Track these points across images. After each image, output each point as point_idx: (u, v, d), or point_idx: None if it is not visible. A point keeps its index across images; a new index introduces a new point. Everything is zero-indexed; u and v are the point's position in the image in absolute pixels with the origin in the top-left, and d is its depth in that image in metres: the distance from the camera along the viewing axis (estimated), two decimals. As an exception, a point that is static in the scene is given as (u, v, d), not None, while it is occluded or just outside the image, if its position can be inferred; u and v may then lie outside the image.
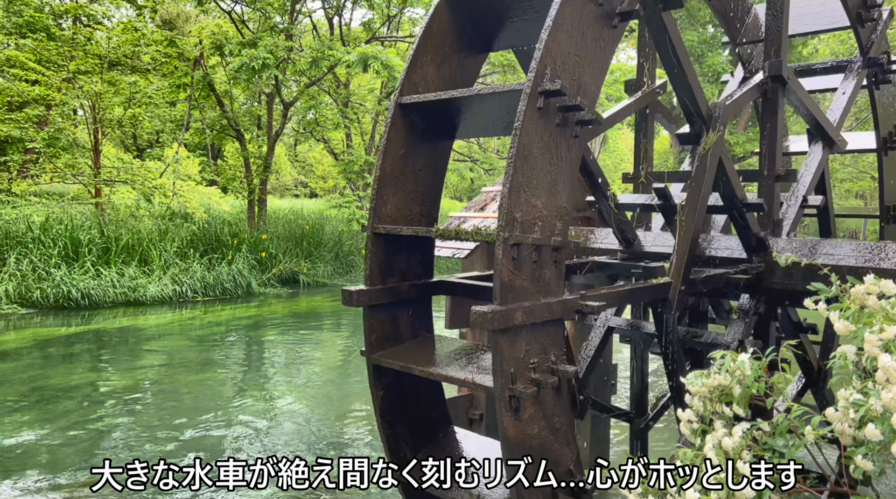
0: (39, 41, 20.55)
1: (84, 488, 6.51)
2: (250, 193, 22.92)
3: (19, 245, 16.24)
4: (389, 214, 3.49)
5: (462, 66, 3.76)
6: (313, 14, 24.46)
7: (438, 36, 3.59)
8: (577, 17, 2.95)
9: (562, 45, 2.90)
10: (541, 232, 2.87)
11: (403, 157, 3.51)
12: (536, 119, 2.81)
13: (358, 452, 7.61)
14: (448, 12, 3.60)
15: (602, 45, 3.11)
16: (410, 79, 3.51)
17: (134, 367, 11.25)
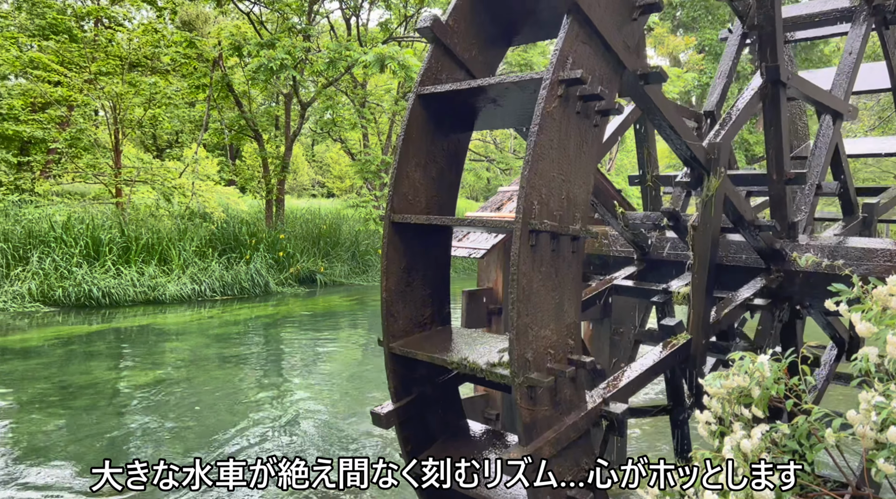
0: (62, 43, 20.83)
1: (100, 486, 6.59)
2: (268, 193, 23.08)
3: (42, 244, 16.48)
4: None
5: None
6: (331, 15, 24.60)
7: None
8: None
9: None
10: None
11: None
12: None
13: (373, 448, 7.64)
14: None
15: None
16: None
17: (154, 365, 11.38)
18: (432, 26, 3.29)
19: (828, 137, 4.76)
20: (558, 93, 2.76)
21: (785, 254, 4.22)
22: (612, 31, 2.94)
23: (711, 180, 3.82)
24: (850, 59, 4.93)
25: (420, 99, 3.36)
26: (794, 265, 4.19)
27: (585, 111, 2.91)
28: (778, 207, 4.33)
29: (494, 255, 6.50)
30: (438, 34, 3.34)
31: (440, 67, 3.44)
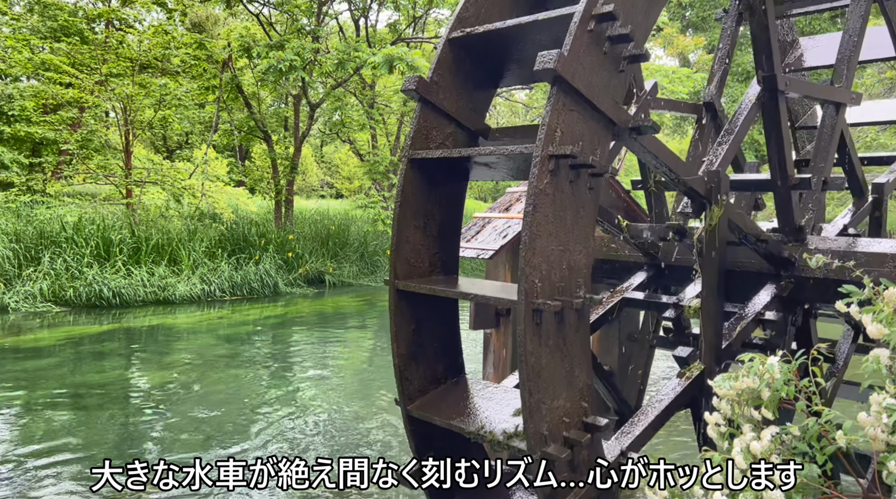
0: (73, 45, 20.99)
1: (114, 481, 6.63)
2: (277, 194, 23.17)
3: (53, 245, 16.60)
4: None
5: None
6: (340, 16, 24.66)
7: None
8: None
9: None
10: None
11: None
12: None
13: (381, 447, 7.65)
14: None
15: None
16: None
17: (164, 365, 11.44)
18: (417, 87, 3.31)
19: (831, 128, 4.67)
20: (549, 168, 2.73)
21: (794, 260, 4.17)
22: (600, 93, 2.88)
23: (713, 210, 3.78)
24: (851, 43, 4.75)
25: (412, 163, 3.36)
26: (805, 271, 4.13)
27: (578, 180, 2.88)
28: (784, 212, 4.27)
29: (503, 255, 6.51)
30: (424, 93, 3.35)
31: (430, 125, 3.45)
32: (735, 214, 3.86)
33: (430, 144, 3.45)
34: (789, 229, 4.27)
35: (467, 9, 3.51)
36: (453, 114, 3.50)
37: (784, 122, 4.12)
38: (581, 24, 2.77)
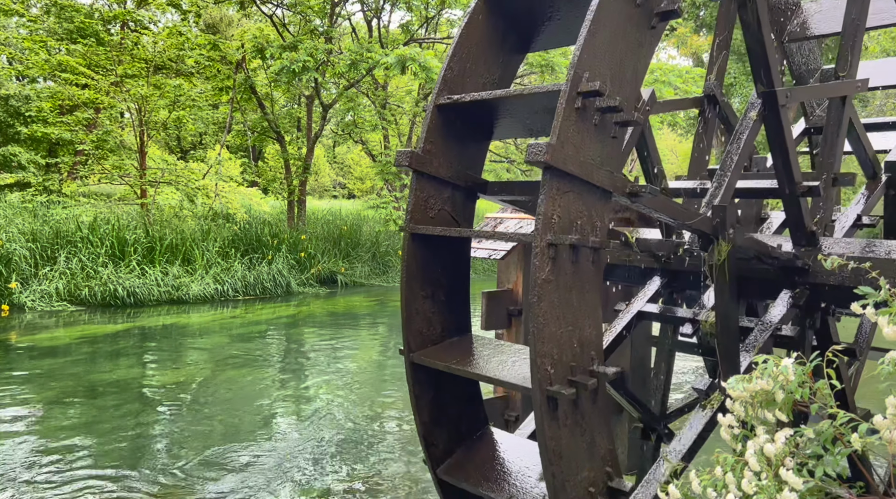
0: (89, 46, 21.19)
1: (128, 478, 6.70)
2: (290, 194, 23.28)
3: (69, 244, 16.78)
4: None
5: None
6: (352, 17, 24.74)
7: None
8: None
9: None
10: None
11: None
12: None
13: (392, 448, 7.66)
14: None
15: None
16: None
17: (177, 364, 11.53)
18: (411, 163, 3.32)
19: (838, 123, 4.57)
20: (550, 256, 2.72)
21: (808, 267, 4.12)
22: (593, 169, 2.86)
23: (721, 245, 3.73)
24: (854, 25, 4.54)
25: (414, 237, 3.37)
26: (820, 277, 4.07)
27: (580, 259, 2.85)
28: (794, 220, 4.21)
29: (514, 256, 6.50)
30: (418, 167, 3.36)
31: (427, 195, 3.44)
32: (744, 239, 3.81)
33: (429, 212, 3.45)
34: (801, 235, 4.21)
35: (451, 69, 3.47)
36: (449, 179, 3.49)
37: (788, 134, 4.01)
38: (568, 105, 2.74)
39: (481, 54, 3.58)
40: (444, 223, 3.50)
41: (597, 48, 2.79)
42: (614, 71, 2.88)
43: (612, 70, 2.87)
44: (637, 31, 2.95)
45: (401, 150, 3.38)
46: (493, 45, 3.61)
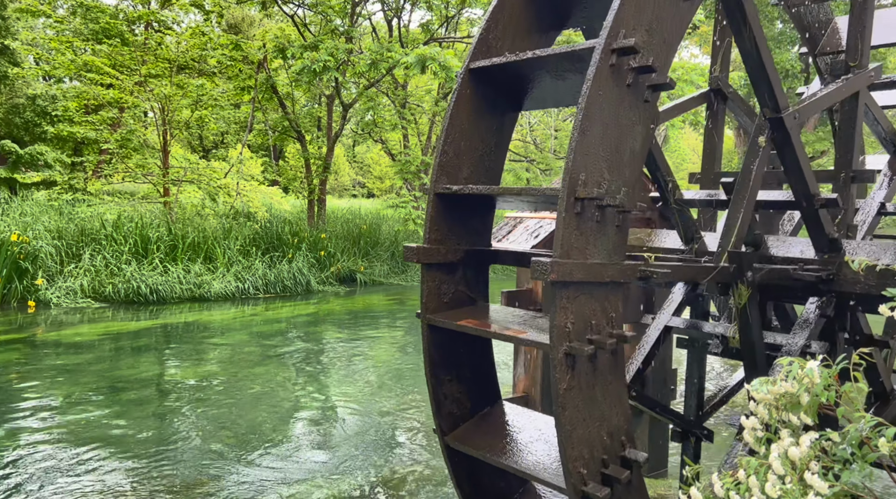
0: (114, 47, 21.50)
1: (149, 471, 6.79)
2: (310, 193, 23.42)
3: (93, 242, 17.04)
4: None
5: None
6: (373, 16, 24.85)
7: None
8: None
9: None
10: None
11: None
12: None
13: (411, 444, 7.68)
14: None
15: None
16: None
17: (199, 360, 11.65)
18: (419, 259, 3.35)
19: (852, 117, 4.45)
20: (569, 365, 2.72)
21: (832, 277, 4.05)
22: (602, 269, 2.83)
23: (741, 290, 3.69)
24: (861, 23, 4.44)
25: (431, 328, 3.40)
26: (846, 286, 4.00)
27: (598, 359, 2.85)
28: (814, 231, 4.14)
29: (535, 255, 6.48)
30: (426, 260, 3.37)
31: (439, 283, 3.47)
32: (766, 274, 3.77)
33: (443, 298, 3.47)
34: (823, 243, 4.15)
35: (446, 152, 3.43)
36: (459, 260, 3.51)
37: (801, 153, 3.89)
38: (568, 211, 2.69)
39: (475, 131, 3.53)
40: (459, 303, 3.52)
41: (589, 146, 2.73)
42: (610, 160, 2.82)
43: (609, 160, 2.81)
44: (630, 110, 2.86)
45: (408, 246, 3.38)
46: (485, 117, 3.57)
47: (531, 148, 31.27)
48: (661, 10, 2.87)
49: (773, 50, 28.81)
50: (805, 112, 3.94)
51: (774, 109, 3.75)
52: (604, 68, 2.68)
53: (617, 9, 2.71)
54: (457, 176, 3.43)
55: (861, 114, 4.47)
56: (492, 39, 3.41)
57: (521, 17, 3.49)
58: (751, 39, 3.43)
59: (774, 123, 3.77)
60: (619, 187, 2.83)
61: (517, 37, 3.50)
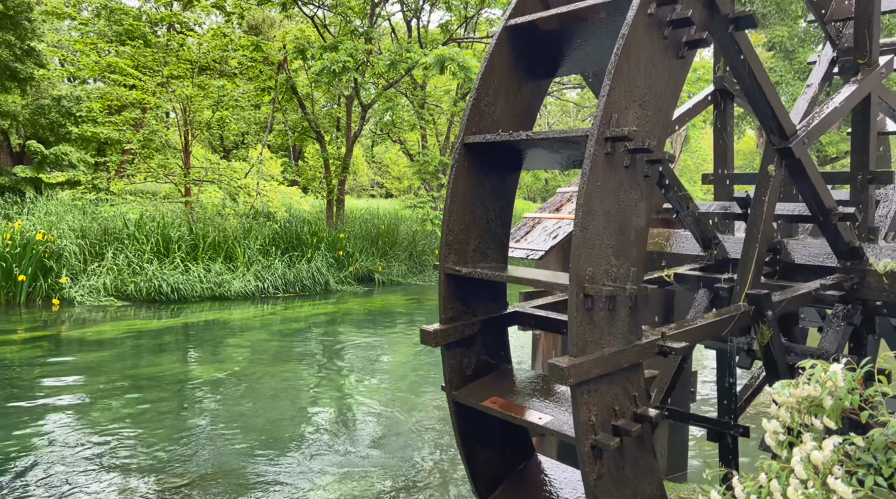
0: (137, 48, 21.77)
1: (168, 469, 6.87)
2: (329, 193, 23.53)
3: (116, 241, 17.28)
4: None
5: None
6: (392, 17, 24.92)
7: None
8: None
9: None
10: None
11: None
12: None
13: (430, 445, 7.69)
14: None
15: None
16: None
17: (219, 359, 11.76)
18: (437, 342, 3.33)
19: (865, 119, 4.29)
20: (597, 456, 2.71)
21: (855, 286, 3.99)
22: (620, 356, 2.81)
23: (763, 331, 3.65)
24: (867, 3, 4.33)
25: (458, 406, 3.39)
26: (871, 294, 3.94)
27: (626, 443, 2.82)
28: (835, 242, 4.08)
29: (552, 256, 6.46)
30: (445, 341, 3.36)
31: (460, 357, 3.46)
32: (787, 304, 3.73)
33: (466, 371, 3.47)
34: (844, 252, 4.09)
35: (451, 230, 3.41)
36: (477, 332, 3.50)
37: (815, 175, 3.82)
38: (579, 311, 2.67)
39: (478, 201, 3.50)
40: (483, 372, 3.51)
41: (593, 239, 2.68)
42: (616, 246, 2.79)
43: (614, 246, 2.77)
44: (631, 190, 2.80)
45: (424, 328, 3.33)
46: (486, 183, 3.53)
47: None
48: (652, 79, 2.82)
49: (797, 49, 28.47)
50: (814, 134, 3.85)
51: (783, 137, 3.69)
52: (599, 158, 2.64)
53: (607, 93, 2.66)
54: (465, 251, 3.40)
55: (875, 115, 4.38)
56: (484, 106, 3.37)
57: (511, 74, 3.45)
58: (750, 75, 3.39)
59: (784, 153, 3.72)
60: (629, 269, 2.79)
61: (509, 95, 3.46)
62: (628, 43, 2.69)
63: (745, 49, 3.27)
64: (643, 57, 2.76)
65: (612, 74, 2.66)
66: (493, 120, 3.40)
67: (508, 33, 3.38)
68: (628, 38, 2.69)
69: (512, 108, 3.47)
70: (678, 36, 2.89)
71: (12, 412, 8.53)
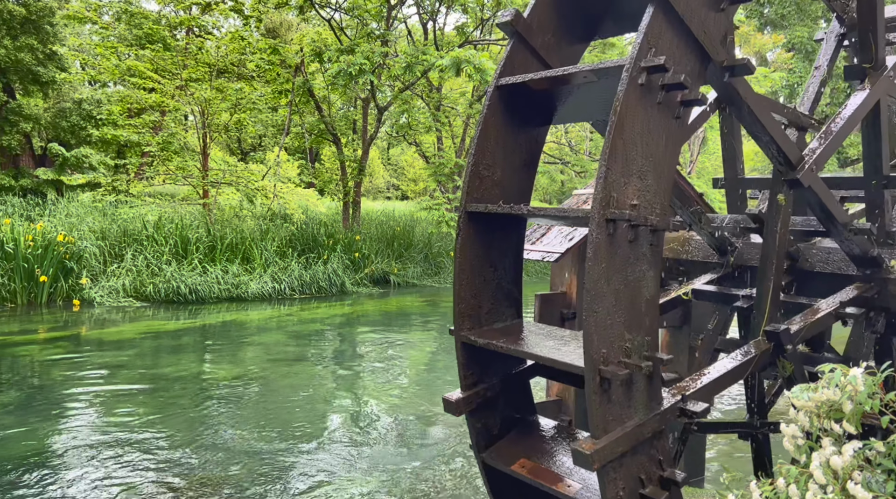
0: (156, 51, 22.03)
1: (185, 468, 6.93)
2: (345, 195, 23.64)
3: (135, 242, 17.48)
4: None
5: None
6: (408, 20, 24.94)
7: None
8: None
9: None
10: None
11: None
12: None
13: (445, 444, 7.69)
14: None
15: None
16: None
17: (236, 359, 11.85)
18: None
19: (875, 126, 4.22)
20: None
21: (878, 295, 3.94)
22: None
23: (783, 363, 3.63)
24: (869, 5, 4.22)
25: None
26: (893, 302, 3.89)
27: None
28: (849, 253, 4.04)
29: (568, 258, 6.44)
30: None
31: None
32: (808, 331, 3.68)
33: (491, 431, 3.41)
34: (862, 262, 4.04)
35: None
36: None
37: (829, 199, 3.78)
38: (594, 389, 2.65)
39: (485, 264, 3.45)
40: (509, 427, 3.47)
41: (605, 319, 2.64)
42: (629, 321, 2.73)
43: (627, 322, 2.72)
44: (637, 264, 2.76)
45: (446, 398, 3.27)
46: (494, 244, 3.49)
47: (566, 150, 31.06)
48: (649, 148, 2.74)
49: (817, 50, 28.16)
50: (821, 159, 3.78)
51: (790, 167, 3.63)
52: (602, 240, 2.59)
53: (604, 175, 2.59)
54: (479, 315, 3.37)
55: (886, 120, 4.30)
56: (483, 169, 3.33)
57: (506, 131, 3.38)
58: (750, 114, 3.35)
59: (793, 183, 3.68)
60: (643, 341, 2.75)
61: (507, 152, 3.41)
62: (621, 118, 2.61)
63: (743, 92, 3.21)
64: (637, 128, 2.68)
65: (608, 155, 2.59)
66: (493, 182, 3.35)
67: (500, 93, 3.31)
68: (621, 112, 2.60)
69: (511, 165, 3.42)
70: (672, 98, 2.81)
71: (35, 411, 8.66)
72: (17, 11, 20.66)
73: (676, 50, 2.79)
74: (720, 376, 3.34)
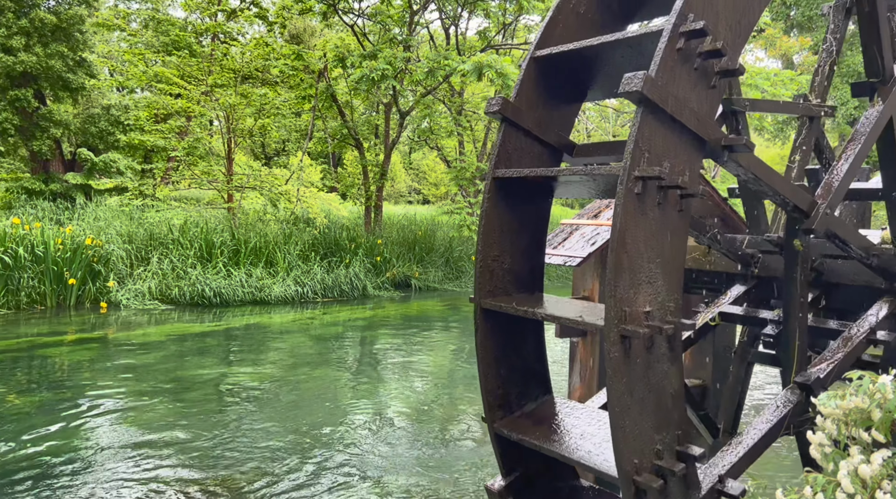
0: (183, 58, 22.37)
1: (208, 469, 7.01)
2: (367, 200, 23.77)
3: (161, 246, 17.74)
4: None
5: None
6: (430, 25, 25.03)
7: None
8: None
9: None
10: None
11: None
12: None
13: (465, 449, 7.69)
14: None
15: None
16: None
17: (259, 361, 11.96)
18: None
19: (892, 139, 4.09)
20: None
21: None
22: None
23: None
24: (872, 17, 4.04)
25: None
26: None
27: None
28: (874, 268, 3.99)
29: (590, 262, 6.42)
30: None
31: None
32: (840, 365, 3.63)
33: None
34: (888, 276, 3.99)
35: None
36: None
37: (845, 231, 3.70)
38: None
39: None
40: None
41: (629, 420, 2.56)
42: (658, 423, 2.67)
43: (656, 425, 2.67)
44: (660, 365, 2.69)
45: (489, 487, 3.24)
46: None
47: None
48: (655, 252, 2.71)
49: (846, 51, 27.72)
50: (836, 200, 3.64)
51: (803, 215, 3.51)
52: (618, 355, 2.53)
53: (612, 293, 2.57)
54: (509, 402, 3.34)
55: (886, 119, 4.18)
56: (491, 262, 3.32)
57: (510, 225, 3.35)
58: (756, 180, 3.31)
59: (809, 231, 3.59)
60: (673, 437, 2.69)
61: (514, 249, 3.40)
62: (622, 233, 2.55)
63: (746, 164, 3.14)
64: (640, 236, 2.61)
65: (613, 271, 2.53)
66: (504, 270, 3.36)
67: (498, 184, 3.27)
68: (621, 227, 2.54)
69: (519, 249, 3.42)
70: (671, 196, 2.73)
71: (62, 411, 8.82)
72: (48, 20, 21.12)
73: (671, 147, 2.69)
74: (755, 444, 3.22)
